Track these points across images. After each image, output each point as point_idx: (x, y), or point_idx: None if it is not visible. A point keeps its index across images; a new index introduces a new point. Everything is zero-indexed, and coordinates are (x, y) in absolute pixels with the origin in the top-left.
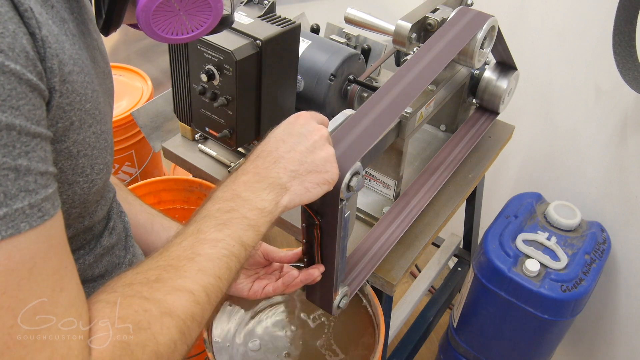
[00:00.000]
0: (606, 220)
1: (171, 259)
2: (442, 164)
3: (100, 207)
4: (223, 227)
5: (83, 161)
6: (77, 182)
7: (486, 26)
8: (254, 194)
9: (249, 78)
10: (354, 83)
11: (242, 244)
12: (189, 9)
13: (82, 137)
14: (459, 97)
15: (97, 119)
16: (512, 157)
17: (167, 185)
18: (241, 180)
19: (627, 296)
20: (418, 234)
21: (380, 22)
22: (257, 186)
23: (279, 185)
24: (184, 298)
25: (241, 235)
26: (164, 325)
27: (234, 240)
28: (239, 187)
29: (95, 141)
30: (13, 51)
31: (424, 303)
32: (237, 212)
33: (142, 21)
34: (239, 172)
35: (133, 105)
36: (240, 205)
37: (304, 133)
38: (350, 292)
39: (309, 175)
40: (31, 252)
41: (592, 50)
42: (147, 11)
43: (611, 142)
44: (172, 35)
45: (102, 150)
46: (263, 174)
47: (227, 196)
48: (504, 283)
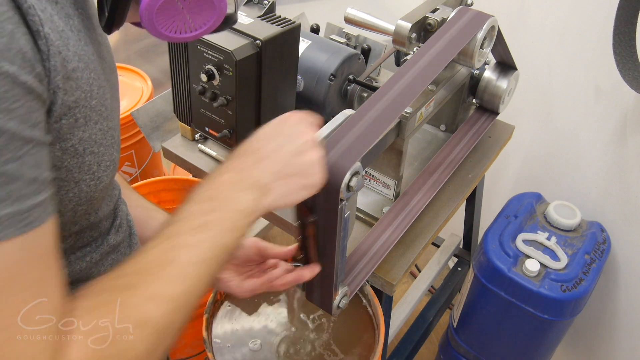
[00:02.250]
0: (606, 220)
1: (148, 262)
2: (442, 164)
3: (106, 204)
4: (203, 230)
5: (89, 158)
6: (84, 179)
7: (486, 26)
8: (235, 194)
9: (249, 78)
10: (354, 83)
11: (222, 246)
12: (193, 7)
13: (88, 134)
14: (458, 97)
15: (104, 116)
16: (512, 157)
17: (167, 185)
18: (223, 179)
19: (627, 296)
20: (418, 234)
21: (380, 22)
22: (239, 186)
23: (261, 186)
24: (162, 305)
25: (221, 237)
26: (142, 332)
27: (213, 243)
28: (219, 187)
29: (102, 138)
30: (9, 52)
31: (423, 303)
32: (217, 214)
33: (146, 19)
34: (222, 169)
35: (133, 105)
36: (220, 206)
37: (293, 134)
38: (350, 292)
39: (293, 177)
40: (14, 259)
41: (592, 50)
42: (151, 9)
43: (611, 142)
44: (175, 34)
45: (108, 147)
46: (245, 173)
47: (208, 196)
48: (503, 283)
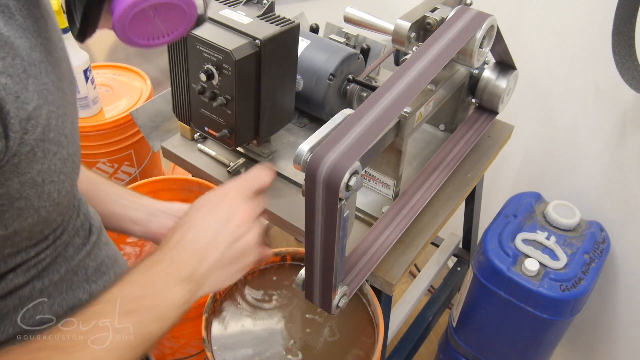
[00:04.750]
0: (605, 220)
1: (64, 341)
2: (441, 164)
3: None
4: (128, 315)
5: (49, 187)
6: (44, 206)
7: (485, 25)
8: (167, 286)
9: (248, 77)
10: (353, 82)
11: (144, 335)
12: (163, 14)
13: (47, 165)
14: (458, 97)
15: (63, 145)
16: (511, 156)
17: (166, 184)
18: (158, 269)
19: (627, 296)
20: (417, 234)
21: (380, 22)
22: (173, 277)
23: (196, 279)
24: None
25: (146, 326)
26: None
27: (135, 331)
28: (152, 276)
29: (62, 166)
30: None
31: (423, 303)
32: (146, 301)
33: (119, 30)
34: (157, 257)
35: (132, 105)
36: (151, 294)
37: (227, 219)
38: (350, 292)
39: (227, 267)
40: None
41: (592, 49)
42: (124, 20)
43: (610, 141)
44: (147, 41)
45: (69, 173)
46: (179, 267)
47: (140, 282)
48: (503, 282)
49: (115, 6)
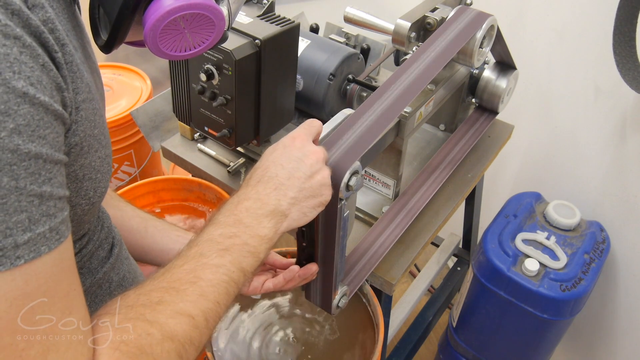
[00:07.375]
0: (605, 220)
1: (173, 281)
2: (441, 164)
3: (89, 224)
4: (225, 253)
5: (87, 184)
6: (80, 204)
7: (485, 25)
8: (256, 221)
9: (248, 77)
10: (353, 82)
11: (242, 270)
12: (194, 26)
13: (89, 161)
14: (458, 97)
15: (103, 144)
16: (511, 156)
17: (166, 184)
18: (244, 206)
19: (626, 295)
20: (417, 234)
21: (380, 22)
22: (259, 213)
23: (279, 213)
24: (184, 322)
25: (241, 261)
26: (165, 349)
27: (234, 266)
28: (241, 213)
29: (100, 165)
30: (41, 84)
31: (423, 302)
32: (239, 238)
33: (150, 41)
34: (241, 196)
35: (132, 104)
36: (242, 231)
37: (301, 157)
38: (350, 292)
39: (307, 200)
40: (47, 275)
41: (592, 50)
42: (155, 31)
43: (611, 141)
44: (176, 52)
45: (105, 173)
46: (265, 201)
47: (230, 221)
48: (503, 282)
49: (148, 17)
